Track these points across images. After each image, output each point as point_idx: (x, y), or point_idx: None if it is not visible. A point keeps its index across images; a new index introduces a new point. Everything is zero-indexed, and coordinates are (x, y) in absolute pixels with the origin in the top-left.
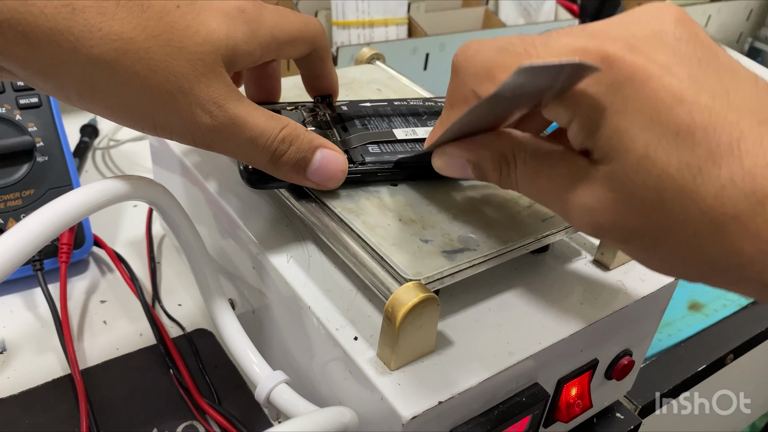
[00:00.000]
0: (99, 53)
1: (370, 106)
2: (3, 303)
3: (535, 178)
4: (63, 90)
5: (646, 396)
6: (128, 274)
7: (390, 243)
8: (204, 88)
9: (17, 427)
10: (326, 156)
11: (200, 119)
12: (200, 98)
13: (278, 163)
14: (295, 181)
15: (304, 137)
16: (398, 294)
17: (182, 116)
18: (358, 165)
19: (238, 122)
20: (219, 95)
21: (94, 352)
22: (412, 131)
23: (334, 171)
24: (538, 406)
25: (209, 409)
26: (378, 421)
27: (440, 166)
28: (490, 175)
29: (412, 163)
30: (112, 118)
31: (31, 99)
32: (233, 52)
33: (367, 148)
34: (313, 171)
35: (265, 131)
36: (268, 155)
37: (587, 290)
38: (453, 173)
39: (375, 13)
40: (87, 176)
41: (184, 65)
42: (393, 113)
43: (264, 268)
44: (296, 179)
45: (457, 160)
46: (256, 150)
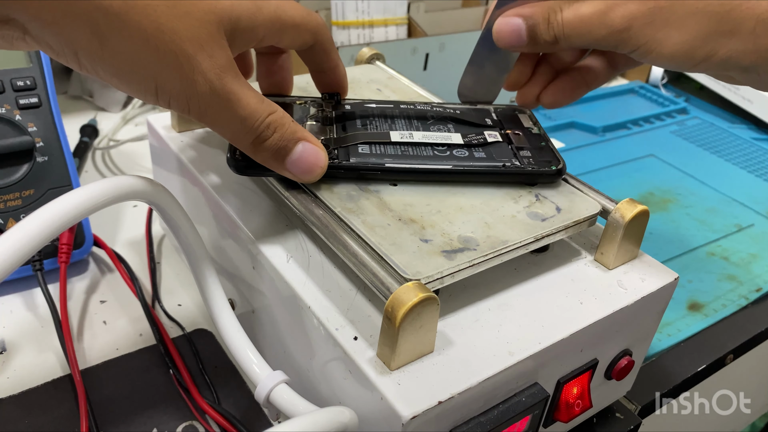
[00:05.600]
0: (109, 3)
1: (375, 107)
2: (3, 303)
3: (578, 10)
4: (71, 44)
5: (646, 396)
6: (128, 274)
7: (390, 243)
8: (207, 57)
9: (17, 427)
10: (307, 149)
11: (200, 86)
12: (202, 66)
13: (260, 147)
14: (273, 168)
15: (289, 127)
16: (398, 294)
17: (183, 80)
18: (342, 162)
19: (233, 98)
20: (220, 66)
21: (94, 352)
22: (409, 134)
23: (312, 164)
24: (538, 406)
25: (209, 409)
26: (378, 421)
27: (498, 30)
28: (540, 27)
29: (395, 168)
30: (115, 79)
31: (31, 99)
32: (235, 25)
33: (357, 147)
34: (292, 161)
35: (255, 113)
36: (252, 137)
37: (587, 290)
38: (509, 35)
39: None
40: (87, 176)
41: (189, 30)
42: (398, 115)
43: (264, 268)
44: (274, 166)
45: (513, 21)
46: (242, 129)
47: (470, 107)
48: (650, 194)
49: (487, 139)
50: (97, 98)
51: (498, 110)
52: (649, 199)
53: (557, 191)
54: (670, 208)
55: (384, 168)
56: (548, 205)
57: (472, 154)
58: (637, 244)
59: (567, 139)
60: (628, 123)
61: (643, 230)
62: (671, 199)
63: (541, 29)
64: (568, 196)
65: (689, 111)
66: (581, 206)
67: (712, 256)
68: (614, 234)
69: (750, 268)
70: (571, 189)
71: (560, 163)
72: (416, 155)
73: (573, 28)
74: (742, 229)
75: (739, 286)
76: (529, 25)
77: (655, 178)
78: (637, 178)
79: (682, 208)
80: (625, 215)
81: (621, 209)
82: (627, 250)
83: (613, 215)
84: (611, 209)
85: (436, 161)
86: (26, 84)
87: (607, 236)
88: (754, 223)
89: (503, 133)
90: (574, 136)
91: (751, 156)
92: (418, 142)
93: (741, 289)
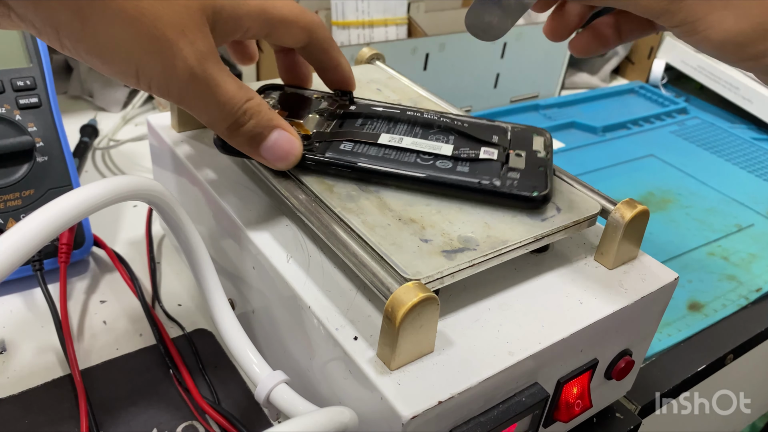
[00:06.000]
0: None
1: (382, 110)
2: (3, 303)
3: None
4: (54, 24)
5: (646, 396)
6: (128, 274)
7: (390, 242)
8: (188, 43)
9: (17, 427)
10: (282, 137)
11: (180, 72)
12: (183, 51)
13: (236, 133)
14: (248, 153)
15: (265, 114)
16: (398, 294)
17: (164, 65)
18: (316, 155)
19: (212, 83)
20: (201, 52)
21: (94, 352)
22: (399, 139)
23: (286, 153)
24: (538, 405)
25: (209, 409)
26: (378, 420)
27: None
28: None
29: (366, 169)
30: (96, 60)
31: (31, 99)
32: (218, 14)
33: (341, 143)
34: (267, 148)
35: (233, 99)
36: (228, 122)
37: (587, 290)
38: None
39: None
40: (87, 176)
41: (171, 15)
42: (403, 120)
43: (264, 268)
44: (249, 152)
45: None
46: (220, 115)
47: (485, 122)
48: (650, 194)
49: (479, 155)
50: (97, 98)
51: (516, 129)
52: (649, 199)
53: (557, 191)
54: (670, 208)
55: (355, 167)
56: (548, 205)
57: (455, 167)
58: (637, 244)
59: (567, 139)
60: (628, 123)
61: (643, 230)
62: (671, 199)
63: None
64: (568, 196)
65: (689, 111)
66: (581, 206)
67: (712, 256)
68: (614, 234)
69: (750, 268)
70: (571, 189)
71: (545, 189)
72: (396, 160)
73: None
74: (742, 229)
75: (739, 286)
76: None
77: (655, 178)
78: (637, 178)
79: (682, 208)
80: (625, 215)
81: (621, 209)
82: (627, 250)
83: (613, 215)
84: (611, 209)
85: (413, 168)
86: (26, 84)
87: (607, 236)
88: (754, 223)
89: (505, 152)
90: (574, 136)
91: (751, 156)
92: (405, 147)
93: (741, 289)
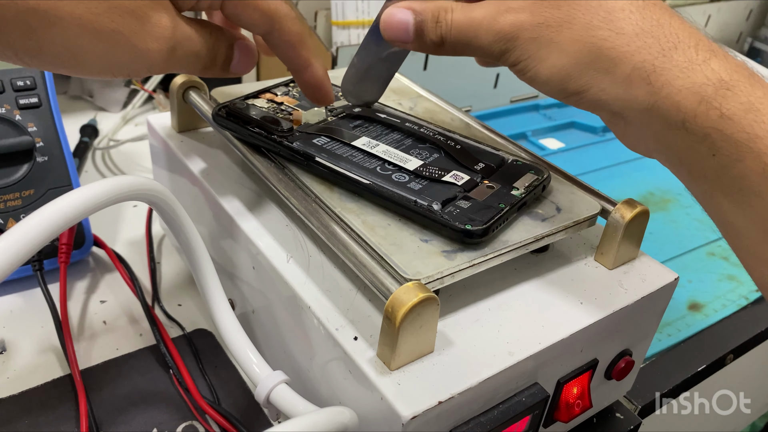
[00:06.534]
0: (35, 3)
1: (384, 117)
2: (3, 303)
3: (470, 12)
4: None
5: (646, 396)
6: (128, 275)
7: (389, 243)
8: (154, 24)
9: (17, 427)
10: (241, 49)
11: (153, 54)
12: (152, 33)
13: (211, 67)
14: (223, 75)
15: (223, 43)
16: (398, 294)
17: (136, 52)
18: (284, 141)
19: (185, 43)
20: (168, 25)
21: (94, 352)
22: (375, 144)
23: (250, 61)
24: (538, 406)
25: (209, 409)
26: (378, 421)
27: (385, 19)
28: (428, 25)
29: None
30: (65, 69)
31: (31, 99)
32: None
33: (317, 137)
34: (235, 65)
35: (203, 45)
36: (203, 64)
37: (587, 290)
38: (396, 27)
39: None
40: (87, 176)
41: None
42: (398, 129)
43: (264, 268)
44: (223, 74)
45: (401, 13)
46: (198, 61)
47: (484, 148)
48: (650, 194)
49: (442, 177)
50: (97, 98)
51: (513, 162)
52: (649, 199)
53: (557, 191)
54: (670, 208)
55: (313, 159)
56: (548, 205)
57: (407, 183)
58: (637, 244)
59: (567, 139)
60: None
61: (643, 230)
62: (671, 199)
63: (428, 27)
64: (568, 196)
65: None
66: (581, 206)
67: (712, 256)
68: (614, 234)
69: None
70: (571, 189)
71: (482, 225)
72: (356, 163)
73: (460, 31)
74: None
75: (739, 286)
76: (417, 21)
77: (655, 178)
78: (637, 178)
79: (682, 208)
80: (625, 215)
81: (621, 209)
82: (627, 250)
83: (613, 215)
84: (611, 209)
85: (364, 174)
86: (26, 84)
87: (607, 236)
88: None
89: (476, 181)
90: (574, 136)
91: None
92: (374, 154)
93: (741, 289)
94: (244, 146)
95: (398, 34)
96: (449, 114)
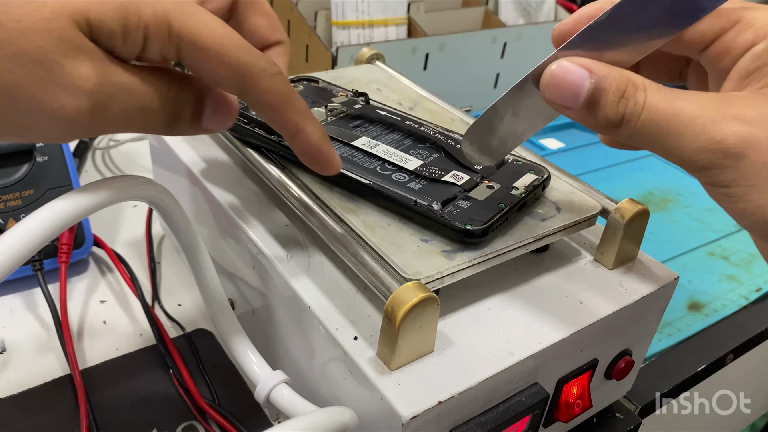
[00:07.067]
0: None
1: (385, 114)
2: (3, 303)
3: (673, 101)
4: None
5: (646, 396)
6: (128, 274)
7: (389, 242)
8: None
9: (17, 427)
10: (215, 102)
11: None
12: (65, 85)
13: (173, 124)
14: (195, 133)
15: (188, 94)
16: (398, 294)
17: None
18: (281, 140)
19: (121, 96)
20: (88, 75)
21: (94, 352)
22: (375, 144)
23: (227, 116)
24: (538, 405)
25: (209, 409)
26: (378, 420)
27: (553, 74)
28: (609, 96)
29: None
30: None
31: None
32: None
33: None
34: (208, 120)
35: (155, 97)
36: (158, 120)
37: (587, 290)
38: (561, 90)
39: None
40: (87, 176)
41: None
42: (399, 129)
43: (264, 268)
44: (195, 132)
45: (577, 71)
46: (149, 118)
47: None
48: (650, 194)
49: (443, 177)
50: None
51: (513, 162)
52: (649, 199)
53: (557, 191)
54: (670, 208)
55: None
56: (548, 205)
57: (407, 183)
58: (637, 244)
59: (567, 139)
60: None
61: (643, 230)
62: (671, 199)
63: (608, 99)
64: (568, 196)
65: None
66: (581, 206)
67: (712, 256)
68: (614, 234)
69: (750, 268)
70: (571, 189)
71: (482, 225)
72: (356, 163)
73: (655, 120)
74: (742, 229)
75: (739, 286)
76: (595, 88)
77: (655, 178)
78: (637, 178)
79: (682, 208)
80: (625, 215)
81: (621, 209)
82: (627, 250)
83: (613, 215)
84: (611, 209)
85: (364, 173)
86: None
87: (607, 236)
88: None
89: (476, 180)
90: (574, 136)
91: None
92: (374, 153)
93: (741, 289)
94: (244, 146)
95: (564, 96)
96: (449, 114)
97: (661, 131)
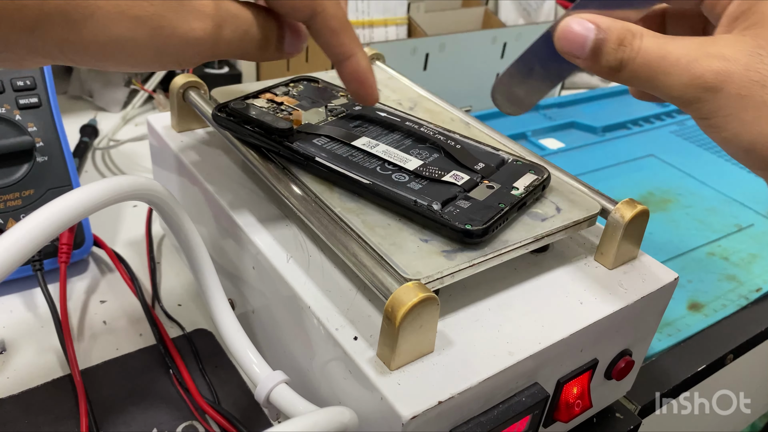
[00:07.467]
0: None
1: (385, 115)
2: (3, 303)
3: (664, 45)
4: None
5: (646, 396)
6: (128, 274)
7: (389, 242)
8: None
9: (17, 427)
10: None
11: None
12: (193, 11)
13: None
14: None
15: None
16: (398, 294)
17: (180, 35)
18: (284, 142)
19: (232, 20)
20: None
21: (94, 352)
22: (375, 144)
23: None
24: (537, 406)
25: (209, 409)
26: (378, 420)
27: (563, 28)
28: (609, 45)
29: (321, 164)
30: (115, 62)
31: (31, 99)
32: None
33: (317, 138)
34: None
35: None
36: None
37: (587, 290)
38: (572, 38)
39: (375, 13)
40: (87, 176)
41: None
42: (398, 129)
43: (264, 268)
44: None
45: (584, 24)
46: (251, 42)
47: (484, 148)
48: (650, 194)
49: (442, 177)
50: (97, 98)
51: (513, 161)
52: (649, 199)
53: (557, 191)
54: (670, 208)
55: (313, 159)
56: (548, 205)
57: (407, 183)
58: (637, 244)
59: (567, 139)
60: (628, 123)
61: (643, 230)
62: (671, 199)
63: (608, 47)
64: (568, 196)
65: None
66: (581, 206)
67: (712, 256)
68: (614, 234)
69: (750, 268)
70: (571, 189)
71: (482, 225)
72: (356, 163)
73: (647, 62)
74: (742, 229)
75: (739, 286)
76: (597, 38)
77: (655, 178)
78: (637, 178)
79: (682, 208)
80: (625, 215)
81: (621, 209)
82: (627, 250)
83: (613, 215)
84: (611, 209)
85: (364, 174)
86: (26, 84)
87: (607, 236)
88: (754, 223)
89: (476, 180)
90: (574, 136)
91: None
92: (374, 154)
93: (741, 289)
94: (244, 146)
95: (573, 47)
96: (449, 114)
97: (653, 72)
